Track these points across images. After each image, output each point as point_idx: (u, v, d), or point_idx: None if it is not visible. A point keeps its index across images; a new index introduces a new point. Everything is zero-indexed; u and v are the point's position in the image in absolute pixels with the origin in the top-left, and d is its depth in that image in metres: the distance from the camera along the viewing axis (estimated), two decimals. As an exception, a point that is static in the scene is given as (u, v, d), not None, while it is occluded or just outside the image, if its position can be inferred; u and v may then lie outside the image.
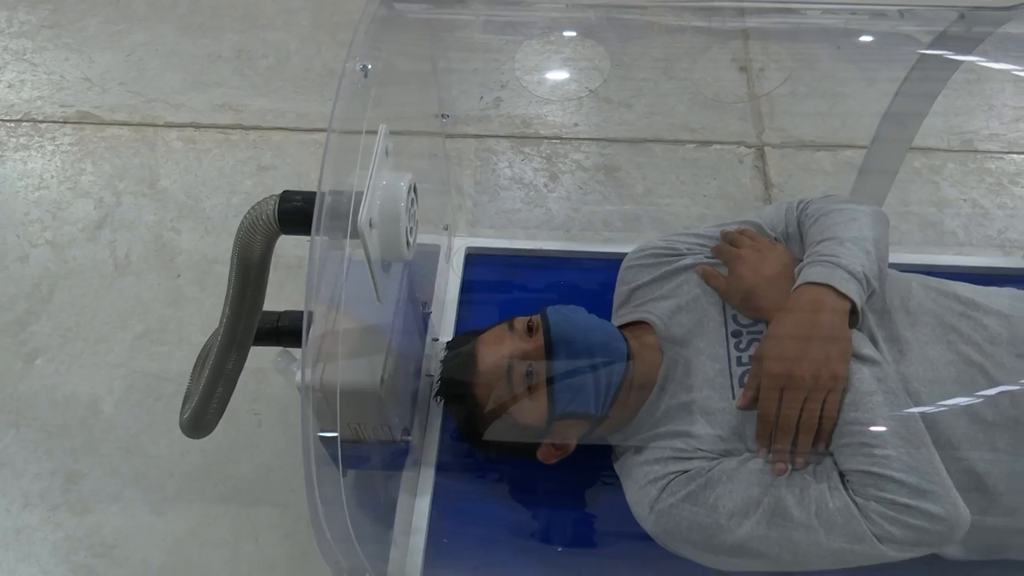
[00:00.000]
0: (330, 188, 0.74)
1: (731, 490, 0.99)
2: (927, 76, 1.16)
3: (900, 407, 0.97)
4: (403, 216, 0.87)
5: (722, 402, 1.06)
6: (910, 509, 0.90)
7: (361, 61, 0.77)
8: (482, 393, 1.14)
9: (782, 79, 2.07)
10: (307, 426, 0.72)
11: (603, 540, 1.24)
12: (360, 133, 0.79)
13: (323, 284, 1.13)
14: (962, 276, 1.19)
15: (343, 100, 0.73)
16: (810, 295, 1.02)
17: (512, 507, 1.26)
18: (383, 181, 0.87)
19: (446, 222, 1.52)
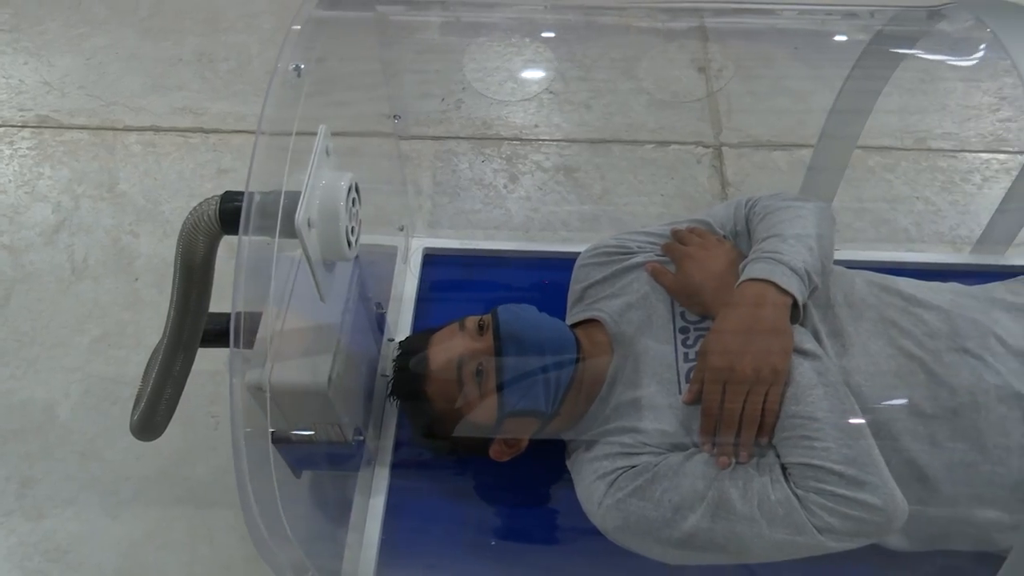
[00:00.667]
0: (265, 189, 0.74)
1: (677, 484, 1.00)
2: (868, 74, 1.18)
3: (840, 400, 0.98)
4: (343, 215, 0.87)
5: (669, 398, 1.08)
6: (848, 500, 0.92)
7: (294, 61, 0.78)
8: (433, 392, 1.15)
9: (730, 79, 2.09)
10: (236, 426, 0.72)
11: (557, 537, 1.25)
12: (296, 134, 0.80)
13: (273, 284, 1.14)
14: (913, 272, 1.21)
15: (274, 101, 0.74)
16: (752, 291, 1.03)
17: (467, 506, 1.27)
18: (323, 181, 0.87)
19: (402, 223, 1.52)
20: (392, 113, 1.34)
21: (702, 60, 2.15)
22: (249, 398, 0.94)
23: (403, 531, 1.24)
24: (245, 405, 0.75)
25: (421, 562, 1.23)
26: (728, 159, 1.90)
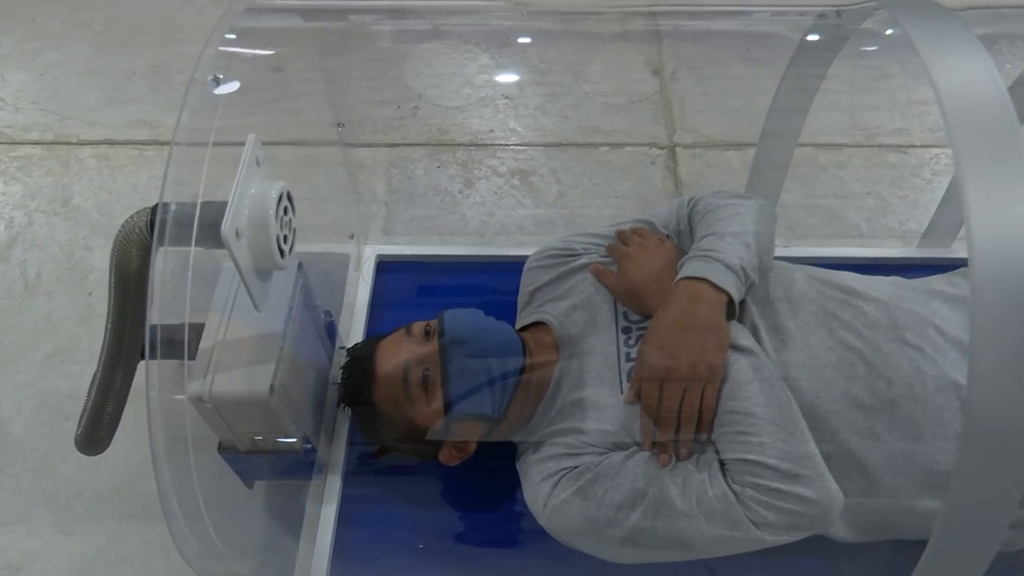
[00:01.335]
0: (180, 200, 0.74)
1: (618, 483, 1.01)
2: (802, 73, 1.20)
3: (776, 395, 0.99)
4: (272, 224, 0.87)
5: (611, 397, 1.08)
6: (783, 494, 0.93)
7: (212, 72, 0.78)
8: (381, 399, 1.15)
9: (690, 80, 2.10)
10: (155, 438, 0.72)
11: (510, 539, 1.25)
12: (222, 144, 0.80)
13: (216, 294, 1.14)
14: (863, 267, 1.23)
15: (188, 112, 0.74)
16: (688, 289, 1.04)
17: (419, 511, 1.27)
18: (252, 190, 0.88)
19: (352, 231, 1.53)
20: (336, 121, 1.34)
21: (656, 63, 2.16)
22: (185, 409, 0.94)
23: (356, 538, 1.24)
24: (164, 417, 0.75)
25: (374, 569, 1.23)
26: (682, 159, 1.92)
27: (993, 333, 0.62)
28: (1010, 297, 0.63)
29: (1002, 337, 0.62)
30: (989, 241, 0.63)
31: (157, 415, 0.73)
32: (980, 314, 0.62)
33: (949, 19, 0.78)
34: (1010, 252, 0.63)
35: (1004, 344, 0.62)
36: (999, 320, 0.62)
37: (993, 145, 0.67)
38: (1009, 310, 0.62)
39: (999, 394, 0.63)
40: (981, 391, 0.63)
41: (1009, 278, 0.63)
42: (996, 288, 0.63)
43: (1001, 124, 0.68)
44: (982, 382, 0.63)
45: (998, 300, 0.63)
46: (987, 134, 0.68)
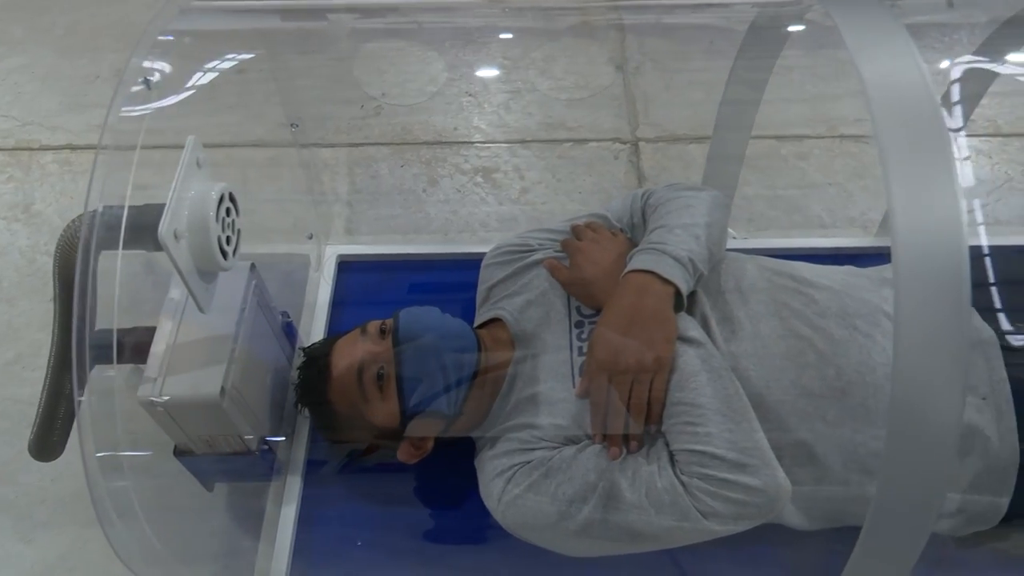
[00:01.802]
0: (109, 203, 0.74)
1: (570, 477, 1.02)
2: (750, 65, 1.20)
3: (724, 386, 1.00)
4: (213, 226, 0.87)
5: (564, 392, 1.09)
6: (730, 483, 0.94)
7: (143, 74, 0.78)
8: (337, 398, 1.15)
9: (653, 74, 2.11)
10: (85, 443, 0.72)
11: (471, 535, 1.25)
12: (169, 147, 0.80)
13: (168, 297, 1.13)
14: (824, 257, 1.24)
15: (114, 113, 0.74)
16: (635, 282, 1.05)
17: (379, 510, 1.28)
18: (191, 192, 0.87)
19: (311, 231, 1.52)
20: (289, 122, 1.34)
21: (619, 58, 2.17)
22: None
23: (316, 538, 1.24)
24: (94, 422, 0.75)
25: (335, 569, 1.23)
26: (645, 154, 1.92)
27: (914, 316, 0.63)
28: (930, 283, 0.63)
29: (922, 320, 0.63)
30: (910, 227, 0.64)
31: (87, 421, 0.72)
32: (902, 298, 0.63)
33: (878, 9, 0.79)
34: (930, 237, 0.64)
35: (925, 327, 0.63)
36: (919, 303, 0.63)
37: (915, 134, 0.68)
38: (929, 294, 0.63)
39: (920, 376, 0.63)
40: (904, 374, 0.63)
41: (928, 265, 0.64)
42: (917, 275, 0.64)
43: (924, 113, 0.69)
44: (905, 362, 0.63)
45: (919, 286, 0.63)
46: (910, 123, 0.68)
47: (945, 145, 0.66)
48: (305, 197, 1.55)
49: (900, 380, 0.63)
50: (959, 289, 0.63)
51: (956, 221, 0.64)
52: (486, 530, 1.21)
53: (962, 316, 0.63)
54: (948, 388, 0.64)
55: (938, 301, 0.63)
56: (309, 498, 1.26)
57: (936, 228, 0.64)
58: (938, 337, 0.63)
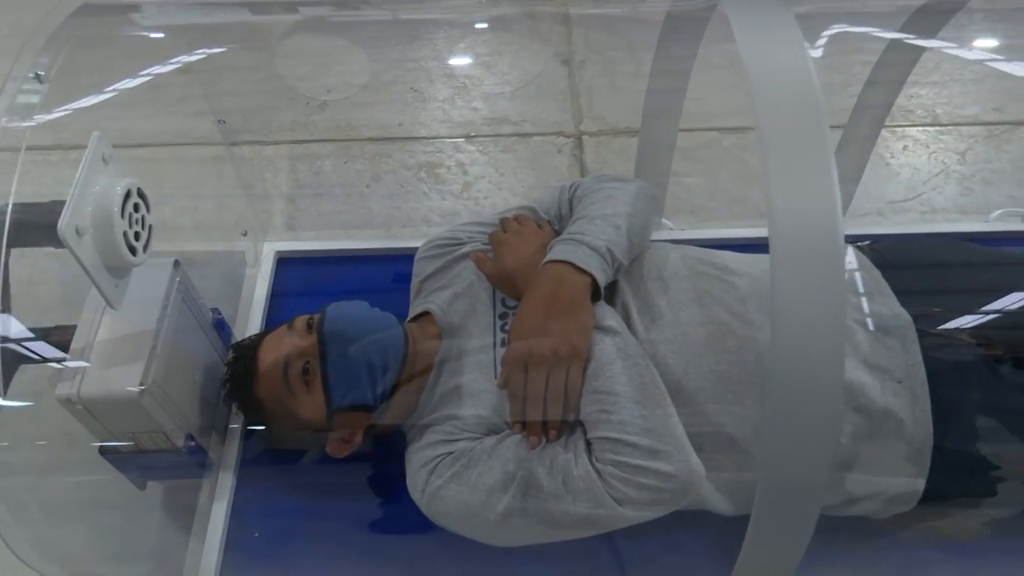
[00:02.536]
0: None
1: (490, 467, 1.02)
2: (670, 54, 1.21)
3: (639, 373, 1.01)
4: (117, 221, 0.87)
5: (486, 383, 1.09)
6: (642, 469, 0.95)
7: (35, 68, 0.78)
8: (264, 394, 1.16)
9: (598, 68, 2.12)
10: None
11: (404, 527, 1.25)
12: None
13: (89, 294, 1.13)
14: (760, 247, 1.24)
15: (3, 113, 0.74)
16: (552, 272, 1.06)
17: (313, 505, 1.28)
18: (96, 187, 0.87)
19: (245, 228, 1.52)
20: (217, 118, 1.34)
21: (565, 52, 2.18)
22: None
23: (249, 534, 1.24)
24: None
25: (267, 564, 1.23)
26: (588, 147, 1.93)
27: (789, 298, 0.64)
28: (805, 272, 0.65)
29: (798, 301, 0.64)
30: (786, 213, 0.65)
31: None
32: (778, 282, 0.64)
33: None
34: (806, 224, 0.65)
35: (800, 308, 0.64)
36: (794, 286, 0.64)
37: (795, 124, 0.69)
38: (804, 280, 0.64)
39: (797, 356, 0.65)
40: (781, 355, 0.65)
41: (805, 253, 0.65)
42: (793, 265, 0.65)
43: (804, 104, 0.70)
44: (781, 342, 0.64)
45: (794, 273, 0.65)
46: (790, 114, 0.70)
47: (823, 134, 0.67)
48: (242, 194, 1.55)
49: (777, 362, 0.64)
50: (834, 275, 0.64)
51: (831, 207, 0.65)
52: (418, 521, 1.22)
53: (837, 302, 0.64)
54: (826, 375, 0.65)
55: (815, 287, 0.65)
56: (242, 493, 1.26)
57: (811, 214, 0.65)
58: (813, 320, 0.64)
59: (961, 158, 1.91)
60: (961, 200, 1.82)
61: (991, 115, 2.01)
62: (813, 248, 0.64)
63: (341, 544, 1.24)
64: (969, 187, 1.84)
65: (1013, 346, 1.11)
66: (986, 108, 2.02)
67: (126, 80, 1.39)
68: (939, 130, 1.97)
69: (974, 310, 1.14)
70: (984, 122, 1.99)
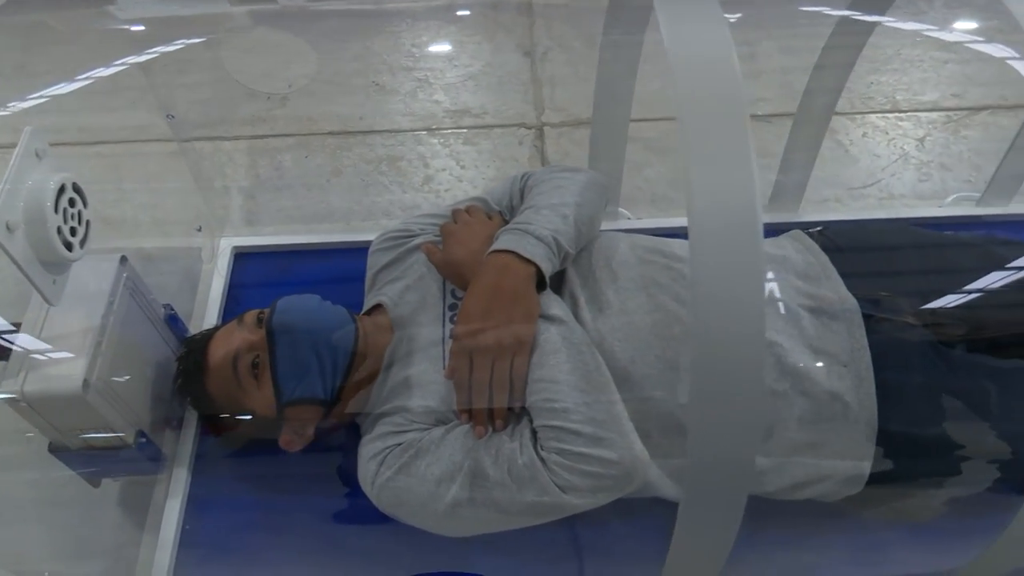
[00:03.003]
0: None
1: (438, 457, 1.02)
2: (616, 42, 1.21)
3: (584, 362, 1.01)
4: (50, 216, 0.86)
5: (435, 374, 1.09)
6: (586, 457, 0.95)
7: None
8: (214, 389, 1.16)
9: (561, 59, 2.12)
10: None
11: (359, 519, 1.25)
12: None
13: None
14: None
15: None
16: (496, 262, 1.06)
17: (268, 498, 1.27)
18: (28, 182, 0.87)
19: (199, 224, 1.52)
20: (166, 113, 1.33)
21: (528, 44, 2.18)
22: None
23: (204, 529, 1.23)
24: None
25: (222, 559, 1.23)
26: (549, 139, 1.94)
27: (709, 284, 0.65)
28: (724, 257, 0.65)
29: (717, 287, 0.65)
30: (704, 206, 0.66)
31: None
32: (696, 271, 0.65)
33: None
34: (724, 215, 0.66)
35: (720, 293, 0.65)
36: (713, 272, 0.65)
37: (716, 113, 0.69)
38: (722, 266, 0.65)
39: (717, 340, 0.65)
40: (700, 337, 0.65)
41: (721, 245, 0.65)
42: (710, 258, 0.65)
43: (724, 88, 0.70)
44: (700, 327, 0.65)
45: (712, 266, 0.65)
46: (710, 98, 0.70)
47: (741, 121, 0.68)
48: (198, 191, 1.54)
49: (698, 347, 0.65)
50: (753, 260, 0.65)
51: (749, 194, 0.65)
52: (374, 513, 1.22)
53: (756, 289, 0.65)
54: (746, 359, 0.65)
55: (734, 273, 0.65)
56: (197, 489, 1.26)
57: (729, 201, 0.65)
58: (732, 304, 0.64)
59: (920, 144, 1.92)
60: (919, 186, 1.83)
61: (950, 101, 2.02)
62: (731, 234, 0.65)
63: (297, 537, 1.24)
64: (927, 173, 1.86)
65: (957, 328, 1.12)
66: (945, 94, 2.04)
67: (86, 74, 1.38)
68: (898, 116, 1.99)
69: (919, 293, 1.15)
70: (943, 108, 2.00)
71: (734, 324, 0.65)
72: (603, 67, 1.26)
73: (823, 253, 1.19)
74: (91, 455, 1.16)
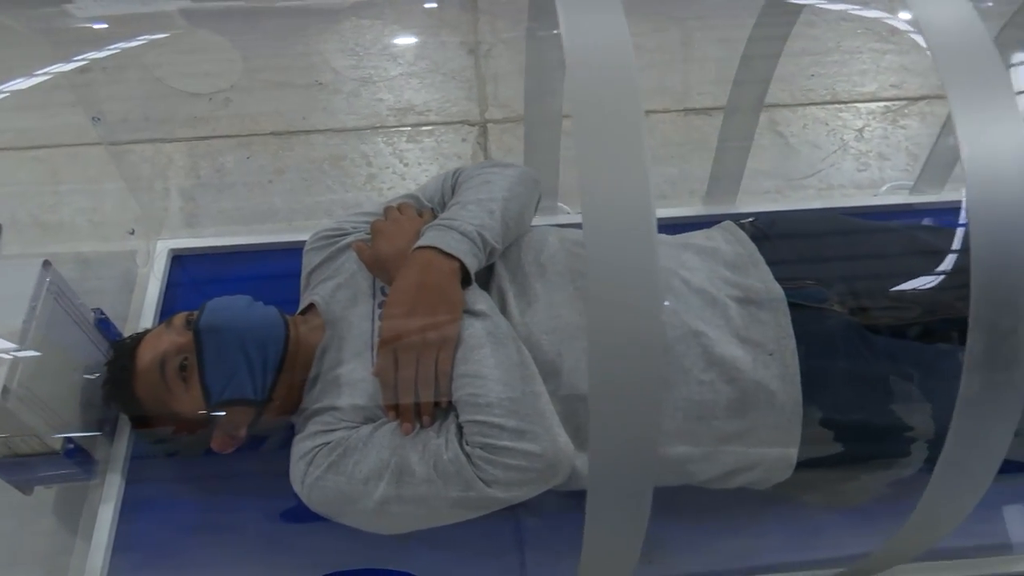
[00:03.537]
0: None
1: (366, 455, 1.02)
2: (535, 33, 1.21)
3: (508, 355, 1.01)
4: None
5: (364, 372, 1.09)
6: (509, 450, 0.95)
7: None
8: (143, 393, 1.14)
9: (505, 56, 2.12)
10: None
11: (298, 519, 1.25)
12: None
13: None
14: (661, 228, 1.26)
15: None
16: (420, 258, 1.06)
17: (203, 502, 1.27)
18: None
19: (132, 227, 1.50)
20: (91, 116, 1.32)
21: (472, 41, 2.18)
22: None
23: (138, 534, 1.22)
24: None
25: (157, 563, 1.22)
26: (493, 135, 1.94)
27: (603, 276, 0.65)
28: (618, 249, 0.66)
29: (612, 279, 0.65)
30: (596, 202, 0.66)
31: None
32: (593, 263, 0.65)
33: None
34: (617, 212, 0.66)
35: (615, 286, 0.65)
36: (607, 264, 0.65)
37: (608, 107, 0.70)
38: (617, 259, 0.65)
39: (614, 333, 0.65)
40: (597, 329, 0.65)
41: (615, 237, 0.66)
42: (604, 248, 0.66)
43: (619, 84, 0.70)
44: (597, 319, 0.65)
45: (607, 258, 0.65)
46: (605, 94, 0.70)
47: (637, 115, 0.68)
48: (132, 193, 1.53)
49: (594, 338, 0.65)
50: (647, 253, 0.65)
51: (643, 189, 0.66)
52: (310, 512, 1.21)
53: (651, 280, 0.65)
54: (645, 349, 0.66)
55: (628, 265, 0.66)
56: (132, 494, 1.25)
57: (620, 204, 0.66)
58: (626, 297, 0.65)
59: (859, 135, 1.94)
60: (857, 176, 1.85)
61: (889, 92, 2.04)
62: (625, 224, 0.65)
63: (234, 538, 1.24)
64: (866, 163, 1.88)
65: (882, 314, 1.13)
66: (884, 85, 2.06)
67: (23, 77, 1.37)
68: (839, 107, 2.01)
69: (845, 280, 1.16)
70: (882, 98, 2.03)
71: (630, 317, 0.65)
72: (531, 62, 1.26)
73: (751, 243, 1.21)
74: (18, 463, 1.14)
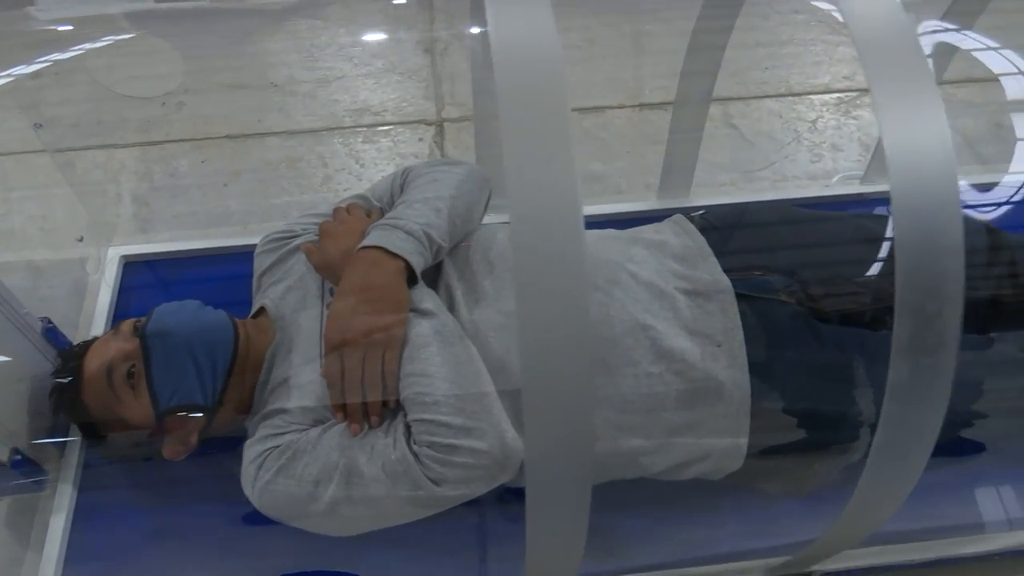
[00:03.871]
0: None
1: (315, 458, 1.02)
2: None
3: (454, 353, 1.01)
4: None
5: (313, 374, 1.08)
6: (456, 448, 0.95)
7: None
8: (91, 401, 1.13)
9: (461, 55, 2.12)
10: None
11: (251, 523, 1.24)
12: None
13: None
14: (616, 223, 1.27)
15: None
16: (365, 258, 1.05)
17: (157, 509, 1.26)
18: None
19: (80, 234, 1.49)
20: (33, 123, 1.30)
21: (428, 40, 2.17)
22: None
23: (91, 544, 1.21)
24: None
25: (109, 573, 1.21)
26: (449, 134, 1.94)
27: (529, 270, 0.65)
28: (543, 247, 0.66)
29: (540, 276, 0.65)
30: (524, 200, 0.66)
31: None
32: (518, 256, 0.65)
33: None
34: (543, 209, 0.66)
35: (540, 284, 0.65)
36: (533, 257, 0.65)
37: (537, 104, 0.70)
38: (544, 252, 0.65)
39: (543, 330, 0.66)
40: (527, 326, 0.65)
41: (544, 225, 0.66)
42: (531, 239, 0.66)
43: (547, 80, 0.70)
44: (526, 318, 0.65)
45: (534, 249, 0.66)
46: (532, 90, 0.70)
47: (562, 111, 0.68)
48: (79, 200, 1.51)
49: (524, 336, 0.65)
50: (574, 245, 0.65)
51: (570, 183, 0.66)
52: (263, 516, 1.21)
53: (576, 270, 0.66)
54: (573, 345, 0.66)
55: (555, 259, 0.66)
56: (84, 503, 1.23)
57: (548, 200, 0.66)
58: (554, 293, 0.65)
59: (812, 126, 1.96)
60: (811, 167, 1.87)
61: (841, 83, 2.06)
62: (552, 220, 0.65)
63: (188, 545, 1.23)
64: (819, 154, 1.90)
65: (828, 302, 1.14)
66: (837, 76, 2.08)
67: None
68: (793, 99, 2.03)
69: (791, 270, 1.17)
70: (835, 90, 2.05)
71: (558, 309, 0.65)
72: (476, 59, 1.26)
73: (701, 236, 1.21)
74: (-34, 474, 1.13)
